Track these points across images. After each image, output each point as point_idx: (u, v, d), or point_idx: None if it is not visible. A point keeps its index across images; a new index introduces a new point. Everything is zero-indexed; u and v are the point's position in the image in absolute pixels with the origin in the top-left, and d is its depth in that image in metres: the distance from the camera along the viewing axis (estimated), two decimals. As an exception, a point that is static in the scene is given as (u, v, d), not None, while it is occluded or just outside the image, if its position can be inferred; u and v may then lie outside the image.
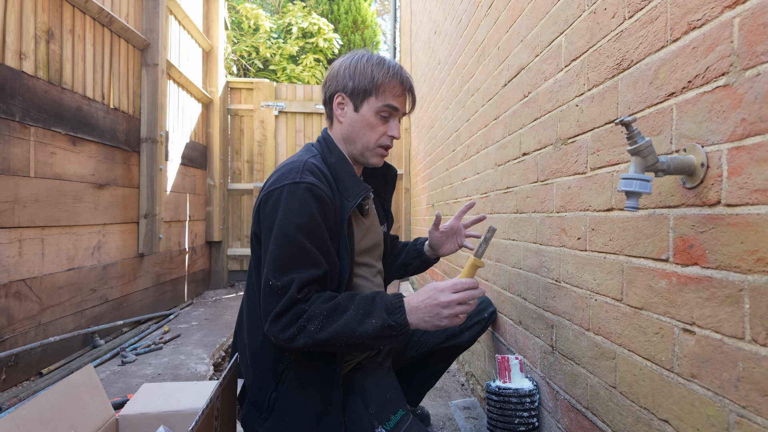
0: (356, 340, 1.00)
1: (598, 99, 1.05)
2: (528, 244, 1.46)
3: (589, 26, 1.09)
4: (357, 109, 1.20)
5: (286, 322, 1.01)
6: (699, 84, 0.74)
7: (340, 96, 1.21)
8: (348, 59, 1.23)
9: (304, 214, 1.06)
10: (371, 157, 1.23)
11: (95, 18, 2.49)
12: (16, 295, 1.91)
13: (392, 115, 1.21)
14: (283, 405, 1.11)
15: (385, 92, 1.18)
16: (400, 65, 1.23)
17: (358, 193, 1.17)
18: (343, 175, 1.18)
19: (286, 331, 1.01)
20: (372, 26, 8.73)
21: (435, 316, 1.00)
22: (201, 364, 2.29)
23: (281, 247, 1.04)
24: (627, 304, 0.92)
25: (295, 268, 1.03)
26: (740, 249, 0.65)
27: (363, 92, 1.18)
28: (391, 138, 1.21)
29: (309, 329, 1.00)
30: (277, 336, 1.02)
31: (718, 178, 0.69)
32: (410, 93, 1.24)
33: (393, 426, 1.16)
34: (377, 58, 1.22)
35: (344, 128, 1.22)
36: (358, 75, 1.18)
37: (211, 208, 4.39)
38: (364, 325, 0.99)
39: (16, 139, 1.92)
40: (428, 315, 1.01)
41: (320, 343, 1.01)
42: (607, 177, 1.01)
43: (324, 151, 1.22)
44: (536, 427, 1.34)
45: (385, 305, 1.02)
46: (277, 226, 1.05)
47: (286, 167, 1.13)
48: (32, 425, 0.89)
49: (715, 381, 0.69)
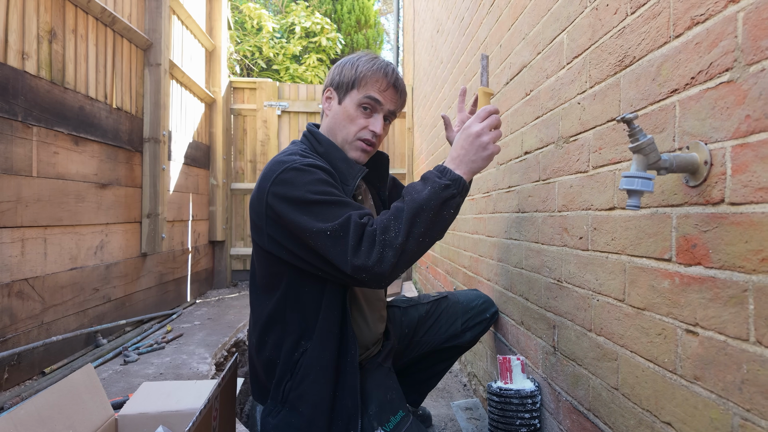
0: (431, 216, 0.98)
1: (600, 96, 1.03)
2: (530, 243, 1.44)
3: (591, 23, 1.08)
4: (340, 102, 1.20)
5: (366, 248, 0.96)
6: (702, 80, 0.72)
7: (329, 90, 1.22)
8: (345, 58, 1.23)
9: (314, 181, 1.03)
10: (351, 150, 1.20)
11: (98, 18, 2.49)
12: (19, 295, 1.92)
13: (375, 110, 1.18)
14: (297, 395, 1.09)
15: (367, 85, 1.16)
16: (391, 64, 1.21)
17: (354, 174, 1.15)
18: (336, 161, 1.17)
19: (370, 255, 0.95)
20: (375, 26, 8.72)
21: (479, 147, 1.02)
22: (203, 363, 2.29)
23: (311, 212, 1.00)
24: (629, 305, 0.91)
25: (342, 208, 1.00)
26: (744, 248, 0.63)
27: (346, 85, 1.18)
28: (372, 133, 1.18)
29: (390, 238, 0.96)
30: (365, 266, 0.95)
31: (722, 176, 0.68)
32: (396, 88, 1.20)
33: (392, 427, 1.15)
34: (370, 56, 1.20)
35: (329, 120, 1.22)
36: (345, 69, 1.19)
37: (214, 207, 4.39)
38: (428, 201, 0.98)
39: (19, 139, 1.92)
40: (473, 152, 1.02)
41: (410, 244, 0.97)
42: (609, 176, 0.99)
43: (311, 142, 1.21)
44: (538, 428, 1.32)
45: (434, 175, 1.02)
46: (296, 202, 1.01)
47: (279, 158, 1.10)
48: (31, 425, 0.89)
49: (718, 383, 0.67)
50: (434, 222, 0.99)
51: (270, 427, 1.11)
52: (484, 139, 1.02)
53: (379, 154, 1.33)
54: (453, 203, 1.00)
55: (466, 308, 1.59)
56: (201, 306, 3.70)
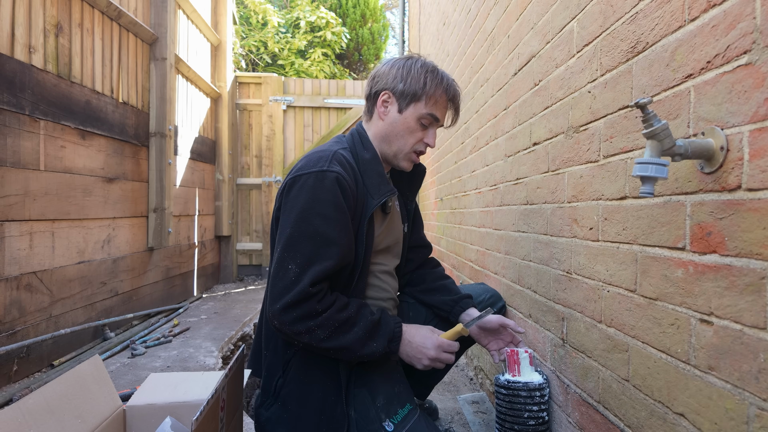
0: (353, 357, 1.09)
1: (612, 84, 1.01)
2: (538, 235, 1.43)
3: (602, 9, 1.06)
4: (401, 111, 1.20)
5: (297, 316, 1.02)
6: (719, 64, 0.70)
7: (387, 94, 1.21)
8: (402, 60, 1.23)
9: (328, 203, 1.06)
10: (402, 160, 1.24)
11: (104, 12, 2.49)
12: (28, 288, 1.93)
13: (432, 125, 1.22)
14: (287, 392, 1.12)
15: (434, 103, 1.19)
16: (452, 79, 1.23)
17: (384, 193, 1.17)
18: (373, 173, 1.18)
19: (295, 325, 1.02)
20: (380, 20, 8.69)
21: (417, 360, 1.14)
22: (210, 357, 2.30)
23: (301, 233, 1.05)
24: (641, 295, 0.89)
25: (311, 256, 1.04)
26: (762, 235, 0.62)
27: (411, 96, 1.18)
28: (426, 145, 1.22)
29: (317, 335, 1.03)
30: (283, 325, 1.03)
31: (739, 162, 0.66)
32: (454, 108, 1.25)
33: (400, 420, 1.14)
34: (431, 66, 1.22)
35: (384, 126, 1.22)
36: (411, 78, 1.18)
37: (220, 202, 4.40)
38: (365, 348, 1.08)
39: (26, 133, 1.93)
40: (414, 355, 1.14)
41: (322, 349, 1.06)
42: (620, 164, 0.98)
43: (356, 144, 1.22)
44: (546, 421, 1.31)
45: (388, 334, 1.11)
46: (300, 211, 1.06)
47: (315, 155, 1.14)
48: (39, 415, 0.89)
49: (734, 373, 0.66)
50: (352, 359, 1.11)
51: (263, 419, 1.15)
52: (425, 362, 1.14)
53: (416, 165, 1.34)
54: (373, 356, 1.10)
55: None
56: (207, 300, 3.72)
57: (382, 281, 1.28)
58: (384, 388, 1.18)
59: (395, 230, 1.32)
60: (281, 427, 1.11)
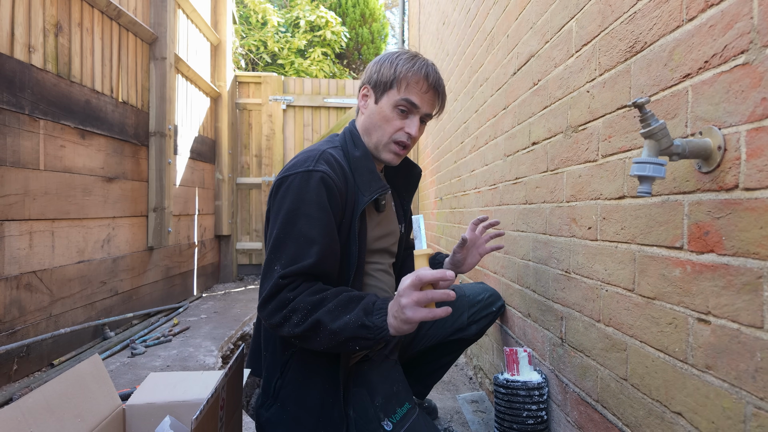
0: (332, 338, 0.95)
1: (610, 84, 1.02)
2: (537, 235, 1.43)
3: (600, 9, 1.06)
4: (377, 101, 1.18)
5: (272, 308, 1.01)
6: (716, 64, 0.71)
7: (366, 87, 1.20)
8: (384, 54, 1.21)
9: (312, 204, 1.06)
10: (384, 152, 1.19)
11: (103, 11, 2.49)
12: (27, 287, 1.93)
13: (411, 111, 1.16)
14: (286, 394, 1.12)
15: (407, 86, 1.14)
16: (432, 65, 1.17)
17: (375, 189, 1.15)
18: (364, 170, 1.17)
19: (272, 317, 1.01)
20: (380, 19, 8.68)
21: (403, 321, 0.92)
22: (209, 356, 2.30)
23: (287, 234, 1.05)
24: (639, 294, 0.90)
25: (294, 257, 1.03)
26: (759, 234, 0.62)
27: (384, 84, 1.16)
28: (407, 135, 1.16)
29: (292, 320, 0.98)
30: (265, 320, 1.04)
31: (736, 161, 0.66)
32: (437, 91, 1.18)
33: (399, 419, 1.15)
34: (410, 55, 1.17)
35: (365, 120, 1.21)
36: (384, 67, 1.16)
37: (220, 202, 4.40)
38: (338, 321, 0.95)
39: (26, 132, 1.93)
40: (398, 316, 0.92)
41: (301, 337, 0.99)
42: (618, 164, 0.98)
43: (348, 143, 1.21)
44: (545, 420, 1.32)
45: (365, 305, 0.96)
46: (285, 213, 1.06)
47: (303, 155, 1.14)
48: (38, 414, 0.89)
49: (731, 372, 0.66)
50: (333, 342, 0.97)
51: (263, 420, 1.15)
52: (408, 314, 0.90)
53: (412, 167, 1.34)
54: (363, 343, 0.96)
55: (472, 302, 1.58)
56: (207, 300, 3.72)
57: (379, 279, 1.27)
58: (382, 387, 1.19)
59: (390, 228, 1.31)
60: (281, 428, 1.12)
